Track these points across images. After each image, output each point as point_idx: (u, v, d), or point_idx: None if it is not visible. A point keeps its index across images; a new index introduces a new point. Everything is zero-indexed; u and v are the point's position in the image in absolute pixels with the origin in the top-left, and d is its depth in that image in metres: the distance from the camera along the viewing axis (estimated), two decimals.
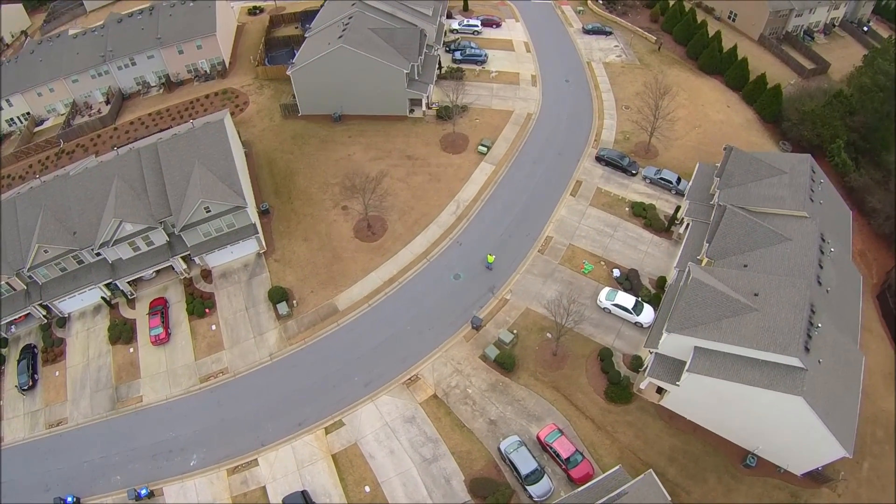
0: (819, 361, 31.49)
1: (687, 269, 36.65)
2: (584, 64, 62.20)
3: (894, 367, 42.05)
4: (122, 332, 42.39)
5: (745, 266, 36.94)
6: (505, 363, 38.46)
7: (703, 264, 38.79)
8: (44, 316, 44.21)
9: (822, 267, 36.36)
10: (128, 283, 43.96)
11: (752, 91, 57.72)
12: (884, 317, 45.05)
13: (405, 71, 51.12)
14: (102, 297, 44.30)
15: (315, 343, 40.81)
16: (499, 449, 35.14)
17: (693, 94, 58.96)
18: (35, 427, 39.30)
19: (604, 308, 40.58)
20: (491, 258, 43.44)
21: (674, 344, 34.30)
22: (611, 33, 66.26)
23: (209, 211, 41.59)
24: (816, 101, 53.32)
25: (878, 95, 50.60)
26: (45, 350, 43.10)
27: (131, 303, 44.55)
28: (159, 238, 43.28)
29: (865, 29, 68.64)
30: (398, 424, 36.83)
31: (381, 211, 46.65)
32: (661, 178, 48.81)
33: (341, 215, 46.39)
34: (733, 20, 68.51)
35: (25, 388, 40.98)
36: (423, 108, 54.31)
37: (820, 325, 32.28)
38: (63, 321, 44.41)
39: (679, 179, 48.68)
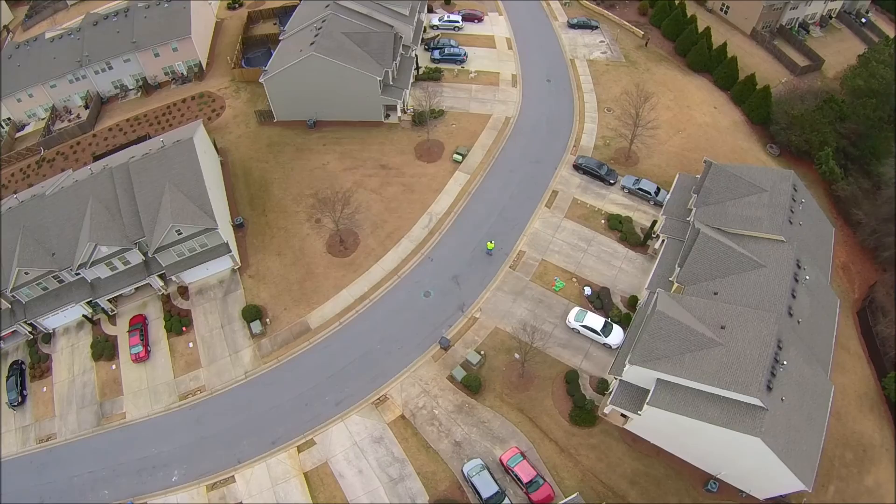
0: (782, 399, 29.99)
1: (654, 298, 34.83)
2: (568, 61, 58.45)
3: (871, 387, 40.52)
4: (104, 349, 42.14)
5: (716, 294, 35.01)
6: (471, 385, 37.42)
7: (673, 289, 36.94)
8: (29, 332, 43.81)
9: (794, 296, 34.32)
10: (108, 300, 43.33)
11: (741, 92, 54.06)
12: (863, 334, 43.13)
13: (378, 78, 48.17)
14: (84, 315, 43.84)
15: (288, 361, 40.16)
16: (462, 471, 34.58)
17: (679, 94, 55.37)
18: (27, 442, 39.55)
19: (573, 328, 39.07)
20: (491, 245, 42.72)
21: (637, 373, 32.94)
22: (597, 27, 61.96)
23: (181, 233, 40.73)
24: (807, 105, 49.76)
25: (871, 102, 46.96)
26: (33, 366, 42.92)
27: (112, 319, 44.03)
28: (135, 258, 42.52)
29: (864, 21, 63.60)
30: (367, 444, 36.38)
31: (354, 224, 44.86)
32: (640, 189, 46.20)
33: (314, 229, 44.68)
34: (725, 13, 63.65)
35: (15, 404, 40.96)
36: (399, 113, 51.54)
37: (786, 362, 30.62)
38: (48, 337, 44.05)
39: (658, 190, 46.06)
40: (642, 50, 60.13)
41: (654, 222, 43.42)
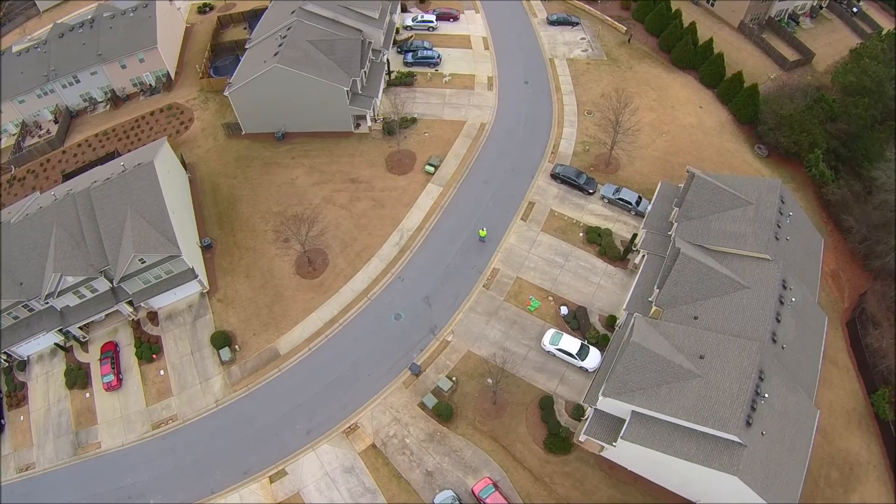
0: (762, 433, 27.58)
1: (631, 324, 32.21)
2: (547, 61, 54.72)
3: (859, 401, 38.08)
4: (77, 378, 40.46)
5: (696, 318, 32.30)
6: (442, 413, 35.19)
7: (652, 312, 34.28)
8: (4, 360, 41.96)
9: (779, 320, 31.58)
10: (79, 327, 41.42)
11: (728, 90, 50.40)
12: (852, 346, 40.45)
13: (345, 88, 44.88)
14: (56, 343, 42.00)
15: (258, 389, 38.17)
16: (434, 503, 32.62)
17: (663, 93, 51.76)
18: (7, 471, 38.02)
19: (548, 352, 36.61)
20: (483, 232, 41.11)
21: (612, 403, 30.52)
22: (577, 24, 57.93)
23: (144, 262, 38.67)
24: (796, 104, 46.15)
25: (863, 101, 43.31)
26: (9, 394, 41.24)
27: (85, 346, 42.16)
28: (102, 285, 40.50)
29: (855, 10, 59.17)
30: (338, 474, 34.53)
31: (323, 244, 42.24)
32: (620, 199, 43.10)
33: (282, 249, 42.07)
34: (712, 4, 59.27)
35: None
36: (369, 122, 48.31)
37: (767, 394, 28.10)
38: (23, 364, 42.27)
39: (639, 200, 42.95)
40: (625, 47, 56.24)
41: (635, 236, 40.52)
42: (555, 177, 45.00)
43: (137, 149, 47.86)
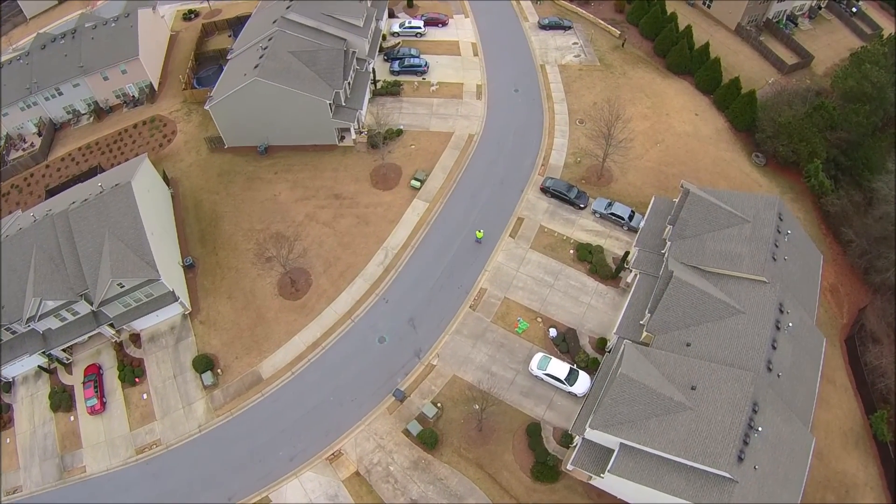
0: (755, 468, 26.18)
1: (620, 351, 30.67)
2: (538, 67, 52.68)
3: (857, 421, 36.56)
4: (61, 400, 39.48)
5: (688, 345, 30.75)
6: (427, 441, 33.88)
7: (643, 337, 32.71)
8: None
9: (775, 347, 30.01)
10: (62, 349, 40.30)
11: (724, 96, 48.31)
12: (850, 364, 38.81)
13: (328, 101, 43.13)
14: (39, 366, 40.93)
15: (241, 414, 36.99)
16: None
17: (657, 100, 49.71)
18: None
19: (536, 376, 35.16)
20: (480, 234, 40.17)
21: (600, 434, 29.10)
22: (570, 27, 55.71)
23: (123, 286, 37.48)
24: (795, 111, 44.08)
25: (864, 108, 41.18)
26: None
27: (68, 368, 41.10)
28: (84, 308, 39.27)
29: (854, 10, 56.62)
30: (322, 502, 33.30)
31: (306, 262, 40.79)
32: (612, 214, 41.32)
33: (265, 269, 40.54)
34: (708, 6, 56.88)
35: None
36: (353, 135, 46.55)
37: (760, 427, 26.65)
38: (9, 385, 41.24)
39: (632, 215, 41.13)
40: (619, 51, 54.08)
41: (627, 254, 38.83)
42: (545, 190, 43.25)
43: (116, 167, 46.39)
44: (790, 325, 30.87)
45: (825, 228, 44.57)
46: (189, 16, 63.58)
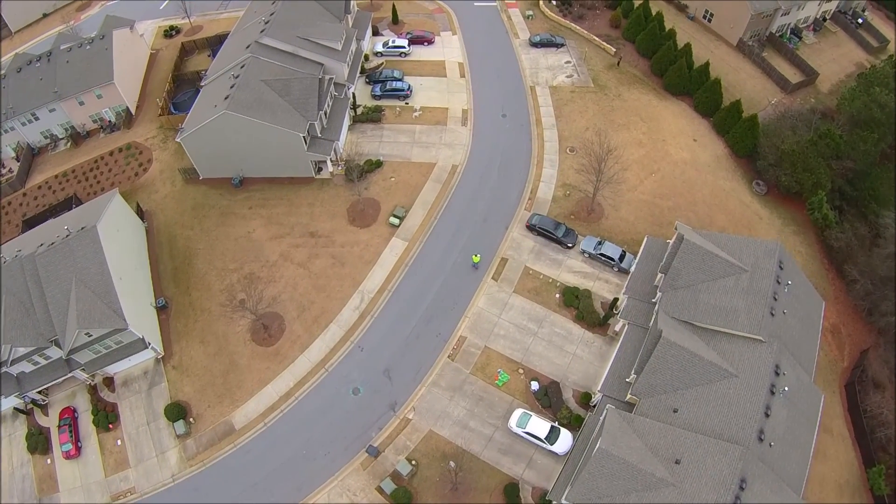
0: None
1: (602, 420, 28.19)
2: (527, 89, 49.38)
3: (854, 473, 34.05)
4: (38, 443, 38.16)
5: (676, 411, 28.24)
6: (400, 500, 31.89)
7: (628, 397, 30.17)
8: None
9: (768, 414, 27.45)
10: (37, 391, 38.80)
11: (725, 120, 44.89)
12: (849, 411, 36.14)
13: (301, 134, 40.43)
14: (15, 408, 39.50)
15: (213, 465, 35.32)
16: None
17: (653, 125, 46.37)
18: None
19: (515, 433, 32.85)
20: (476, 258, 38.89)
21: None
22: (562, 45, 52.14)
23: (91, 336, 35.80)
24: (799, 137, 40.70)
25: (871, 136, 37.69)
26: None
27: (44, 409, 39.65)
28: (56, 352, 37.55)
29: (860, 21, 52.32)
30: None
31: (279, 306, 38.60)
32: (602, 254, 38.49)
33: (238, 312, 38.43)
34: (709, 20, 52.97)
35: None
36: (330, 167, 43.81)
37: None
38: None
39: (623, 255, 38.26)
40: (614, 70, 50.51)
41: (616, 300, 36.09)
42: (531, 228, 40.41)
43: (87, 203, 44.19)
44: (786, 389, 28.31)
45: (828, 263, 41.51)
46: (170, 32, 60.62)
